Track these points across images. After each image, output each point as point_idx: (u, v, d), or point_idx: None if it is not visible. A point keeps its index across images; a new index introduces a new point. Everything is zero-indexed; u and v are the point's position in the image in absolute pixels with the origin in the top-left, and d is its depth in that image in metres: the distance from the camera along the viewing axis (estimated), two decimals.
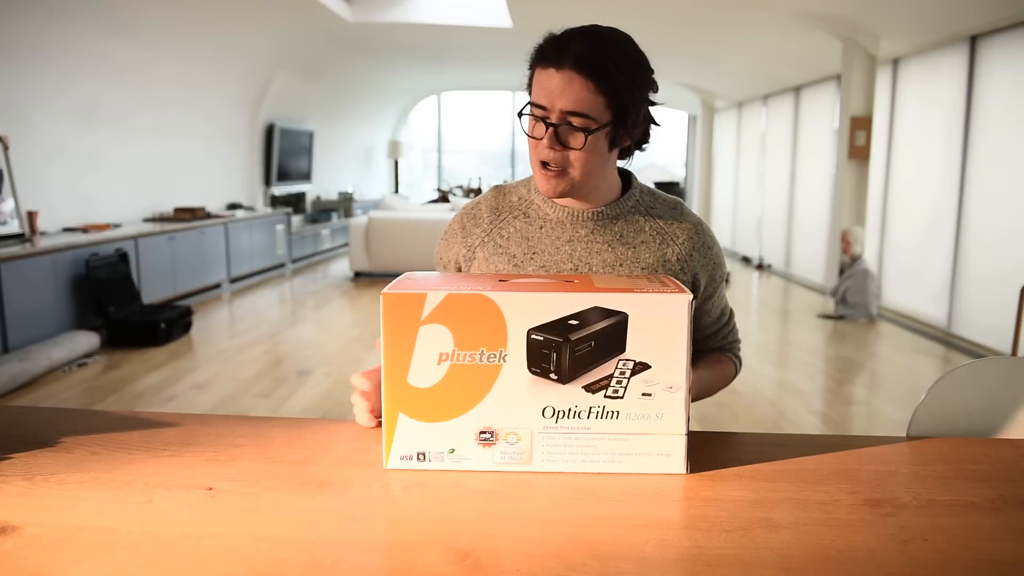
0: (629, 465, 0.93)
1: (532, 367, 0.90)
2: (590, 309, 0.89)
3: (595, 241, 1.19)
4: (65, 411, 1.19)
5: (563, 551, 0.74)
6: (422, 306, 0.89)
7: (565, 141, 1.10)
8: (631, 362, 0.90)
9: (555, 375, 0.90)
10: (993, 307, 5.09)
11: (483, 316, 0.89)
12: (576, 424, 0.92)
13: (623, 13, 6.74)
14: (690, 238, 1.21)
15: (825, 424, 3.67)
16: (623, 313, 0.89)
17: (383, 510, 0.84)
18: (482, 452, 0.92)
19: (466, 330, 0.89)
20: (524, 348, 0.90)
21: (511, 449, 0.92)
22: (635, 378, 0.91)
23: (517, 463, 0.93)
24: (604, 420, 0.92)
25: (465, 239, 1.25)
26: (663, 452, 0.93)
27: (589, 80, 1.06)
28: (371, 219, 7.81)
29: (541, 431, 0.92)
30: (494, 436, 0.92)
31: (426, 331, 0.90)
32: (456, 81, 12.87)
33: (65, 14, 5.05)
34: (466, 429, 0.92)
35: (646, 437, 0.92)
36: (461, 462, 0.93)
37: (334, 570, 0.71)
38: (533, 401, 0.91)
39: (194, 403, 3.79)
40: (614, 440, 0.92)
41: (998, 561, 0.74)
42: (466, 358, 0.90)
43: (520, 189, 1.27)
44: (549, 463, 0.93)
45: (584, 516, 0.82)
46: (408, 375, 0.91)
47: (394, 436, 0.93)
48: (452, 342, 0.90)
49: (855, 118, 6.50)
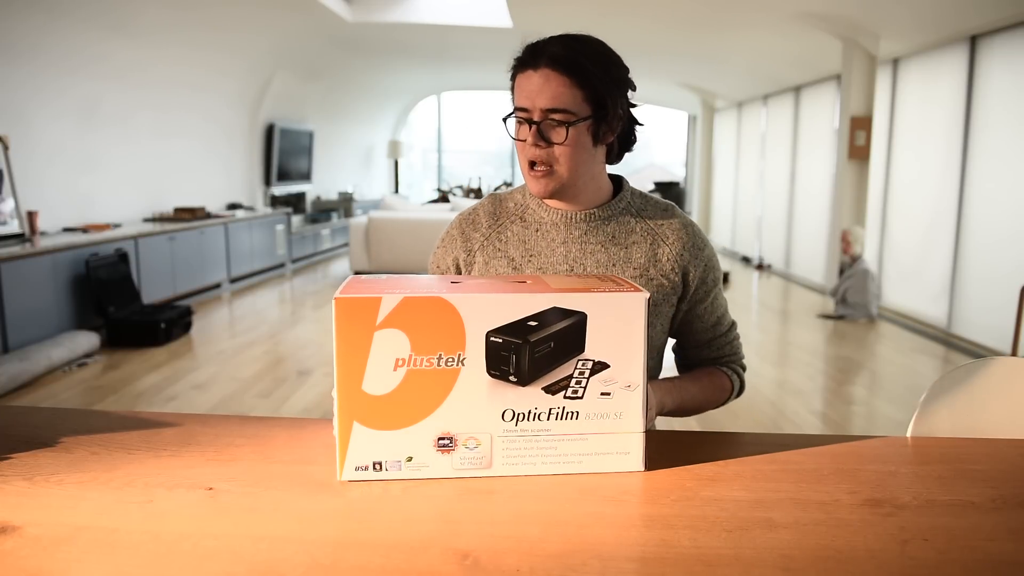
0: (588, 465, 0.92)
1: (491, 370, 0.89)
2: (549, 310, 0.88)
3: (588, 242, 1.22)
4: (65, 411, 1.19)
5: (563, 551, 0.74)
6: (377, 310, 0.87)
7: (548, 138, 1.14)
8: (590, 362, 0.90)
9: (515, 377, 0.89)
10: (993, 307, 5.09)
11: (440, 319, 0.87)
12: (536, 426, 0.91)
13: (623, 13, 6.75)
14: (680, 238, 1.23)
15: (825, 424, 3.67)
16: (582, 313, 0.89)
17: (383, 510, 0.84)
18: (441, 459, 0.91)
19: (423, 334, 0.87)
20: (483, 351, 0.88)
21: (470, 454, 0.91)
22: (594, 378, 0.90)
23: (477, 468, 0.91)
24: (564, 421, 0.91)
25: (465, 243, 1.27)
26: (622, 451, 0.92)
27: (564, 76, 1.12)
28: (371, 219, 7.81)
29: (501, 435, 0.91)
30: (453, 442, 0.90)
31: (381, 336, 0.87)
32: (456, 81, 12.87)
33: (65, 14, 5.05)
34: (424, 436, 0.90)
35: (605, 436, 0.92)
36: (419, 470, 0.91)
37: (334, 570, 0.71)
38: (492, 404, 0.90)
39: (194, 403, 3.79)
40: (574, 441, 0.92)
41: (998, 561, 0.74)
42: (423, 363, 0.88)
43: (516, 195, 1.30)
44: (509, 467, 0.92)
45: (584, 516, 0.82)
46: (363, 382, 0.88)
47: (348, 446, 0.90)
48: (408, 347, 0.88)
49: (855, 118, 6.50)
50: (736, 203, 11.04)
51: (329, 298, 6.92)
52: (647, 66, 9.97)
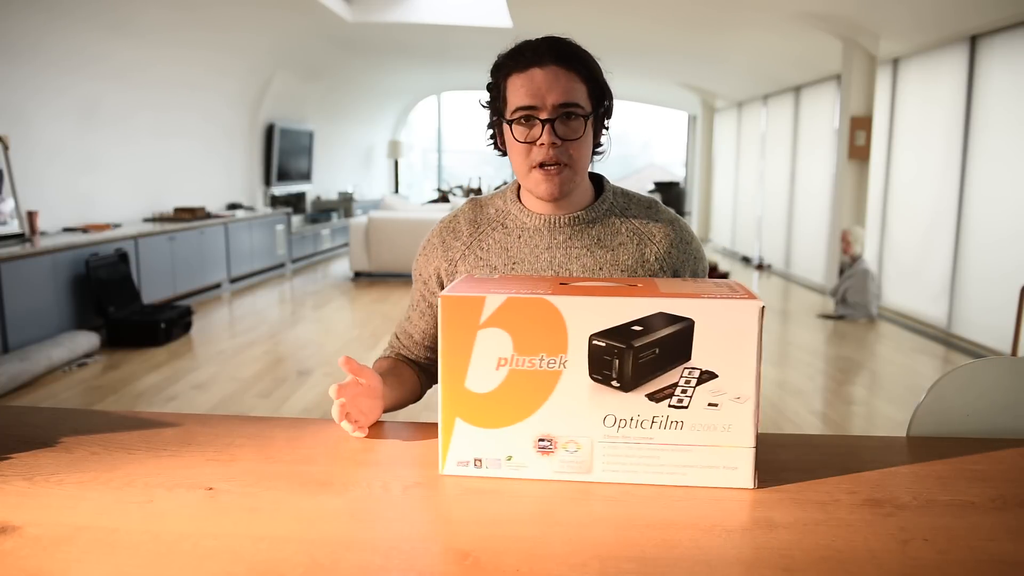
0: (693, 478, 0.89)
1: (593, 374, 0.87)
2: (655, 315, 0.86)
3: (573, 246, 1.20)
4: (65, 411, 1.19)
5: (563, 551, 0.74)
6: (481, 309, 0.87)
7: (564, 134, 1.12)
8: (697, 371, 0.87)
9: (617, 382, 0.87)
10: (993, 307, 5.09)
11: (543, 320, 0.86)
12: (638, 434, 0.88)
13: (623, 13, 6.74)
14: (667, 236, 1.22)
15: (825, 424, 3.67)
16: (689, 320, 0.86)
17: (383, 510, 0.84)
18: (541, 460, 0.90)
19: (526, 334, 0.87)
20: (585, 354, 0.86)
21: (570, 458, 0.89)
22: (701, 387, 0.87)
23: (577, 472, 0.90)
24: (668, 430, 0.88)
25: (446, 253, 1.25)
26: (729, 465, 0.88)
27: (572, 71, 1.12)
28: (371, 219, 7.81)
29: (602, 440, 0.89)
30: (553, 444, 0.89)
31: (485, 335, 0.87)
32: (456, 81, 12.87)
33: (65, 14, 5.05)
34: (524, 436, 0.89)
35: (712, 449, 0.88)
36: (519, 470, 0.90)
37: (334, 570, 0.71)
38: (594, 409, 0.88)
39: (194, 403, 3.79)
40: (678, 451, 0.88)
41: (998, 561, 0.74)
42: (525, 363, 0.87)
43: (496, 201, 1.27)
44: (610, 473, 0.89)
45: (584, 516, 0.82)
46: (466, 379, 0.88)
47: (451, 441, 0.90)
48: (511, 346, 0.87)
49: (855, 118, 6.49)
50: (736, 203, 11.04)
51: (329, 298, 6.95)
52: (647, 66, 9.98)
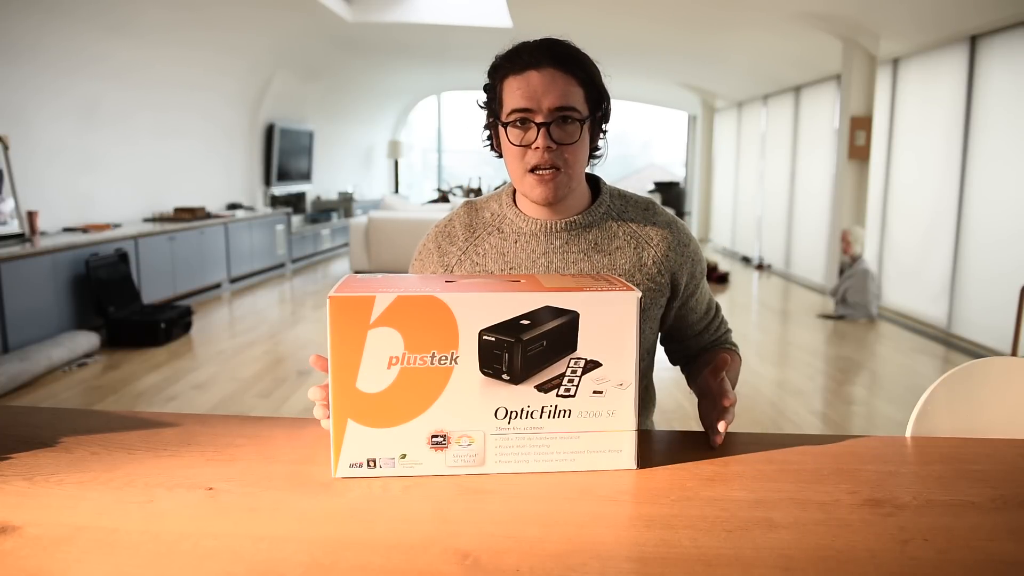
0: (581, 463, 0.93)
1: (484, 368, 0.89)
2: (541, 309, 0.89)
3: (570, 251, 1.19)
4: (65, 411, 1.19)
5: (563, 551, 0.74)
6: (371, 309, 0.88)
7: (559, 138, 1.10)
8: (582, 360, 0.90)
9: (507, 375, 0.90)
10: (993, 307, 5.09)
11: (434, 318, 0.88)
12: (529, 424, 0.91)
13: (623, 13, 6.74)
14: (665, 239, 1.21)
15: (825, 424, 3.67)
16: (574, 312, 0.89)
17: (383, 510, 0.84)
18: (434, 456, 0.91)
19: (417, 332, 0.88)
20: (476, 349, 0.89)
21: (464, 452, 0.92)
22: (586, 376, 0.91)
23: (470, 466, 0.92)
24: (556, 419, 0.92)
25: (442, 258, 1.23)
26: (614, 448, 0.93)
27: (569, 74, 1.10)
28: (371, 219, 7.81)
29: (494, 432, 0.91)
30: (446, 439, 0.91)
31: (375, 334, 0.88)
32: (456, 81, 12.87)
33: (65, 14, 5.05)
34: (418, 433, 0.91)
35: (598, 434, 0.92)
36: (413, 467, 0.92)
37: (334, 570, 0.71)
38: (485, 402, 0.90)
39: (194, 403, 3.79)
40: (566, 439, 0.92)
41: (998, 561, 0.74)
42: (417, 361, 0.89)
43: (492, 204, 1.26)
44: (502, 464, 0.92)
45: (584, 516, 0.82)
46: (357, 380, 0.89)
47: (343, 444, 0.91)
48: (402, 345, 0.88)
49: (855, 118, 6.49)
50: (736, 203, 11.04)
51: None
52: (647, 66, 9.98)
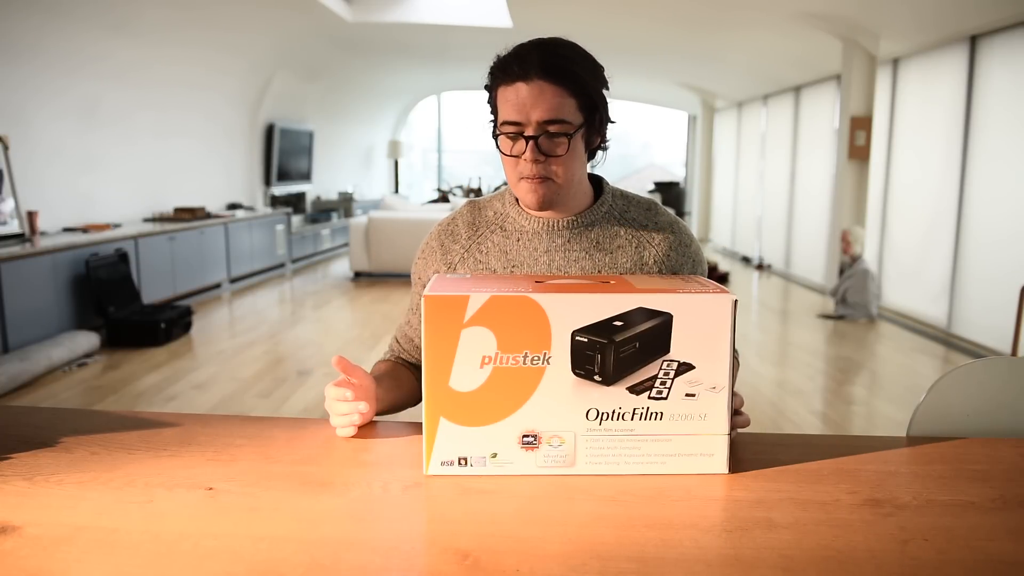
0: (672, 466, 0.92)
1: (576, 369, 0.89)
2: (634, 310, 0.89)
3: (572, 250, 1.19)
4: (65, 411, 1.19)
5: (563, 551, 0.74)
6: (464, 308, 0.88)
7: (547, 151, 1.10)
8: (675, 363, 0.90)
9: (599, 377, 0.90)
10: (993, 307, 5.09)
11: (526, 318, 0.88)
12: (620, 426, 0.91)
13: (623, 13, 6.74)
14: (666, 239, 1.21)
15: (825, 424, 3.67)
16: (667, 314, 0.89)
17: (383, 510, 0.84)
18: (525, 456, 0.91)
19: (509, 332, 0.88)
20: (568, 350, 0.89)
21: (554, 452, 0.91)
22: (679, 379, 0.90)
23: (560, 466, 0.92)
24: (648, 421, 0.91)
25: (444, 256, 1.24)
26: (706, 452, 0.92)
27: (558, 86, 1.08)
28: (371, 219, 7.81)
29: (585, 433, 0.91)
30: (537, 440, 0.91)
31: (469, 334, 0.88)
32: (456, 81, 12.87)
33: (65, 14, 5.05)
34: (509, 433, 0.91)
35: (690, 438, 0.92)
36: (504, 466, 0.92)
37: (334, 570, 0.71)
38: (577, 403, 0.90)
39: (194, 403, 3.79)
40: (658, 441, 0.92)
41: (998, 561, 0.74)
42: (509, 361, 0.89)
43: (495, 203, 1.26)
44: (592, 466, 0.92)
45: (584, 516, 0.82)
46: (450, 379, 0.89)
47: (435, 441, 0.91)
48: (495, 345, 0.89)
49: (855, 118, 6.49)
50: (736, 203, 11.04)
51: (329, 298, 6.95)
52: (647, 66, 9.98)
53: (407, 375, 1.26)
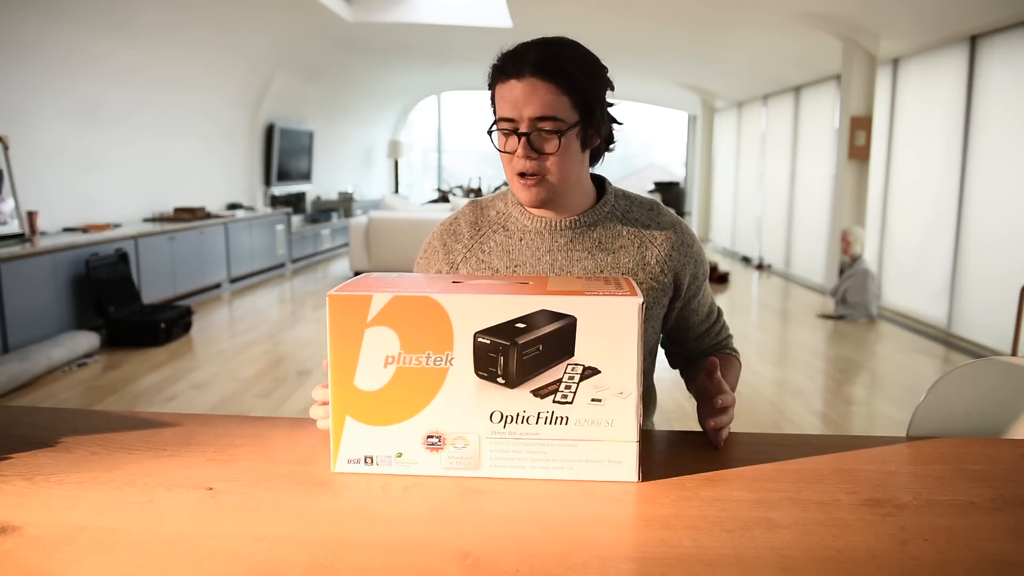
0: (579, 472, 0.91)
1: (479, 371, 0.89)
2: (538, 312, 0.88)
3: (574, 249, 1.20)
4: (65, 411, 1.19)
5: (563, 551, 0.74)
6: (368, 308, 0.88)
7: (539, 148, 1.11)
8: (580, 367, 0.88)
9: (502, 379, 0.89)
10: (993, 307, 5.09)
11: (429, 318, 0.88)
12: (525, 429, 0.90)
13: (623, 13, 6.74)
14: (668, 239, 1.22)
15: (825, 424, 3.67)
16: (571, 316, 0.88)
17: (383, 510, 0.84)
18: (430, 457, 0.91)
19: (412, 333, 0.88)
20: (471, 351, 0.88)
21: (459, 454, 0.91)
22: (585, 383, 0.89)
23: (465, 468, 0.91)
24: (553, 426, 0.90)
25: (447, 255, 1.24)
26: (614, 459, 0.90)
27: (551, 83, 1.08)
28: (371, 219, 7.81)
29: (489, 436, 0.90)
30: (441, 441, 0.91)
31: (372, 333, 0.89)
32: (456, 81, 12.87)
33: (65, 14, 5.05)
34: (413, 433, 0.91)
35: (596, 444, 0.90)
36: (409, 466, 0.91)
37: (334, 570, 0.71)
38: (480, 405, 0.90)
39: (194, 403, 3.79)
40: (564, 446, 0.90)
41: (998, 561, 0.74)
42: (412, 361, 0.89)
43: (497, 203, 1.27)
44: (498, 469, 0.91)
45: (584, 516, 0.82)
46: (355, 377, 0.90)
47: (341, 439, 0.92)
48: (398, 344, 0.89)
49: (855, 118, 6.50)
50: (736, 203, 11.04)
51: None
52: (647, 66, 9.98)
53: None
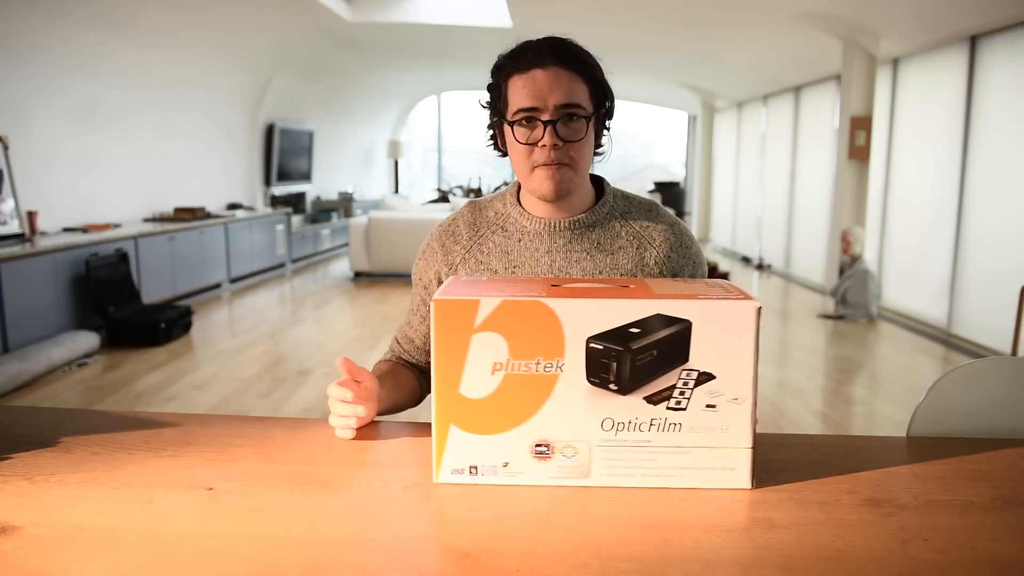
0: (691, 480, 0.88)
1: (591, 377, 0.86)
2: (652, 316, 0.85)
3: (573, 250, 1.19)
4: (65, 411, 1.19)
5: (563, 551, 0.74)
6: (475, 313, 0.85)
7: (565, 136, 1.11)
8: (695, 372, 0.86)
9: (615, 385, 0.86)
10: (993, 307, 5.09)
11: (539, 323, 0.85)
12: (636, 437, 0.87)
13: (623, 13, 6.74)
14: (667, 239, 1.21)
15: (825, 424, 3.67)
16: (687, 321, 0.85)
17: (383, 510, 0.84)
18: (538, 466, 0.88)
19: (522, 338, 0.85)
20: (583, 357, 0.85)
21: (568, 463, 0.88)
22: (699, 389, 0.86)
23: (574, 477, 0.88)
24: (666, 433, 0.87)
25: (446, 256, 1.24)
26: (727, 466, 0.88)
27: (574, 72, 1.11)
28: (371, 219, 7.81)
29: (600, 444, 0.87)
30: (550, 449, 0.88)
31: (479, 339, 0.86)
32: (456, 81, 12.87)
33: (65, 14, 5.05)
34: (521, 442, 0.88)
35: (710, 450, 0.88)
36: (516, 476, 0.89)
37: (334, 570, 0.71)
38: (591, 413, 0.87)
39: (194, 403, 3.79)
40: (676, 454, 0.88)
41: (998, 561, 0.74)
42: (521, 367, 0.86)
43: (496, 204, 1.26)
44: (608, 477, 0.88)
45: (584, 516, 0.82)
46: (460, 385, 0.87)
47: (445, 448, 0.89)
48: (507, 351, 0.85)
49: (855, 118, 6.49)
50: (736, 203, 11.04)
51: (329, 298, 6.95)
52: (647, 66, 9.98)
53: (408, 376, 1.26)
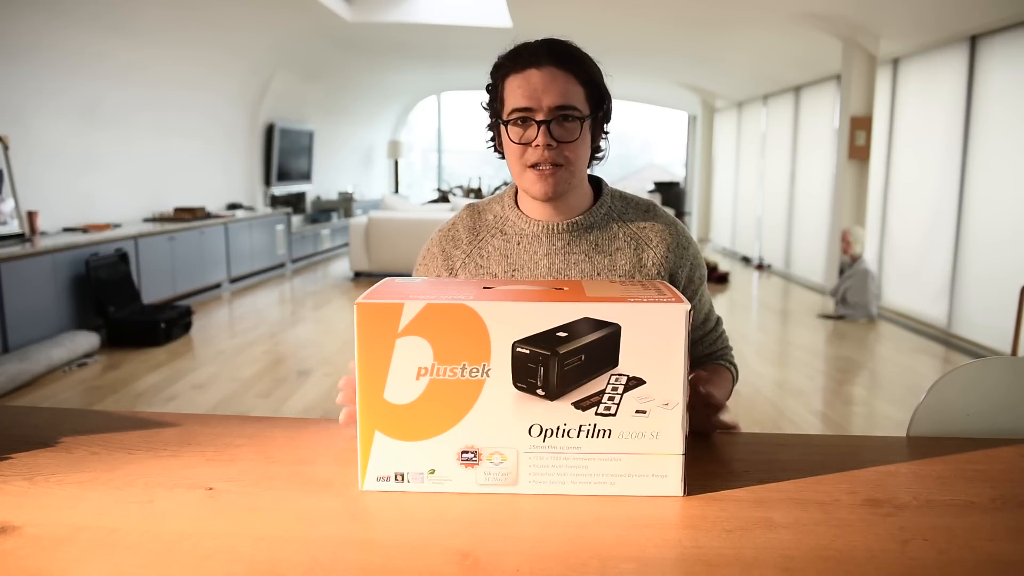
0: (622, 487, 0.87)
1: (518, 382, 0.84)
2: (580, 320, 0.83)
3: (572, 252, 1.19)
4: (65, 411, 1.19)
5: (563, 551, 0.74)
6: (399, 317, 0.83)
7: (559, 136, 1.11)
8: (624, 377, 0.84)
9: (542, 391, 0.84)
10: (993, 307, 5.09)
11: (465, 327, 0.83)
12: (565, 443, 0.86)
13: (623, 13, 6.74)
14: (664, 240, 1.21)
15: (825, 424, 3.67)
16: (615, 324, 0.83)
17: (383, 510, 0.84)
18: (464, 473, 0.87)
19: (446, 343, 0.83)
20: (509, 362, 0.84)
21: (495, 470, 0.87)
22: (628, 394, 0.85)
23: (502, 484, 0.87)
24: (595, 439, 0.86)
25: (446, 261, 1.24)
26: (658, 473, 0.87)
27: (570, 73, 1.11)
28: (371, 219, 7.81)
29: (528, 451, 0.86)
30: (477, 456, 0.86)
31: (403, 343, 0.84)
32: (456, 81, 12.87)
33: (65, 14, 5.05)
34: (447, 448, 0.86)
35: (640, 457, 0.86)
36: (442, 483, 0.87)
37: (334, 570, 0.71)
38: (519, 419, 0.85)
39: (194, 403, 3.79)
40: (606, 460, 0.86)
41: (998, 561, 0.74)
42: (447, 372, 0.84)
43: (494, 207, 1.26)
44: (536, 484, 0.87)
45: (584, 516, 0.82)
46: (384, 390, 0.85)
47: (370, 455, 0.87)
48: (431, 355, 0.84)
49: (855, 118, 6.49)
50: (736, 203, 11.04)
51: (329, 298, 6.94)
52: (647, 66, 9.98)
53: None
